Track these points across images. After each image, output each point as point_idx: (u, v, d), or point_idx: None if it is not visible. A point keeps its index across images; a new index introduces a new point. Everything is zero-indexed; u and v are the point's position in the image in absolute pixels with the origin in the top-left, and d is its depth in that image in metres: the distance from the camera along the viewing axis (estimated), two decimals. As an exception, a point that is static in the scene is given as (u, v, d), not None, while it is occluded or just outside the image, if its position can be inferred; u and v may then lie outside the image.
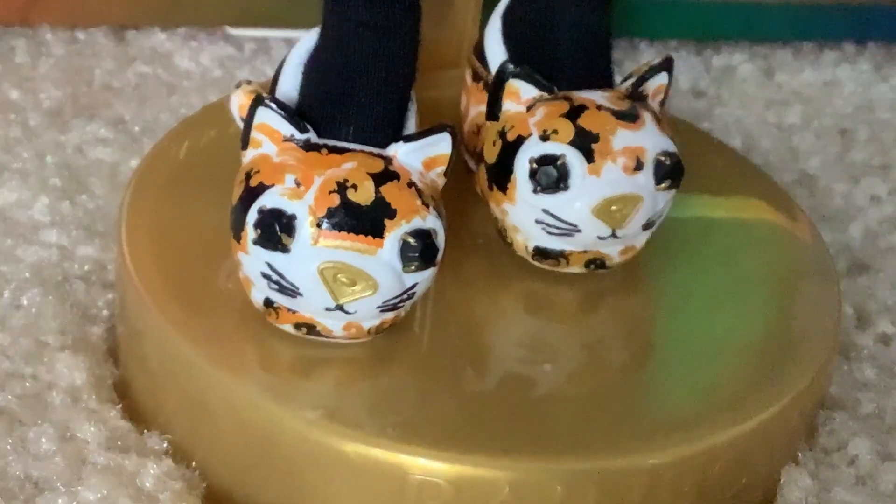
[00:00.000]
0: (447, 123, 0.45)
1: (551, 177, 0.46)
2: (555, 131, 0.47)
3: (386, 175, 0.43)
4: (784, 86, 0.74)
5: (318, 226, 0.42)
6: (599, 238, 0.48)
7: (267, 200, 0.42)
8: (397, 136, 0.45)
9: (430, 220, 0.43)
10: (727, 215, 0.56)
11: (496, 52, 0.52)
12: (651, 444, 0.44)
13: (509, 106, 0.49)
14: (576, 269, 0.49)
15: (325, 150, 0.44)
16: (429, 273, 0.43)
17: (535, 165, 0.47)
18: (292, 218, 0.42)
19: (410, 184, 0.43)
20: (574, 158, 0.46)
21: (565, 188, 0.46)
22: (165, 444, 0.46)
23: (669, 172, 0.47)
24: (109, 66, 0.67)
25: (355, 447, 0.42)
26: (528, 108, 0.48)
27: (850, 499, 0.48)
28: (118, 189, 0.57)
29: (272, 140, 0.44)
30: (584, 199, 0.47)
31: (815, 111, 0.73)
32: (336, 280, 0.42)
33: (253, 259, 0.43)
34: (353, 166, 0.43)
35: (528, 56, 0.50)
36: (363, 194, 0.42)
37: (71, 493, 0.44)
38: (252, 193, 0.43)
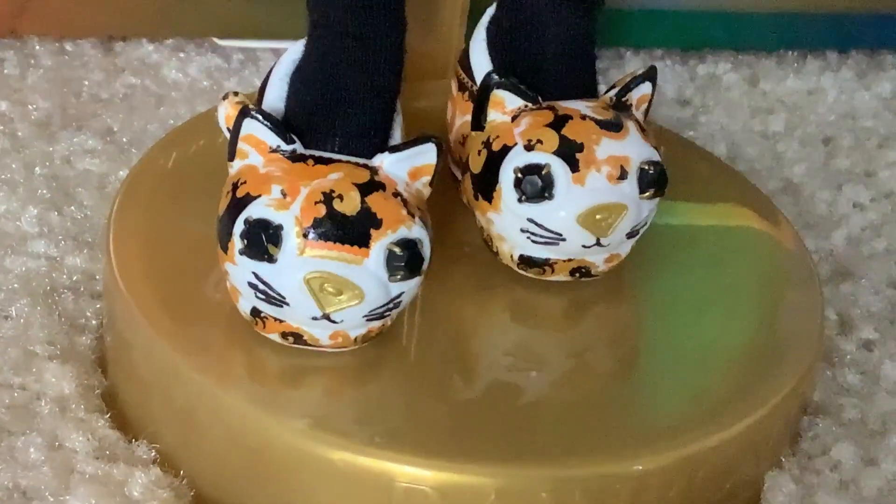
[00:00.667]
0: (433, 134, 0.45)
1: (536, 186, 0.47)
2: (539, 141, 0.47)
3: (372, 185, 0.43)
4: (768, 94, 0.75)
5: (305, 236, 0.42)
6: (584, 246, 0.48)
7: (253, 211, 0.43)
8: (383, 146, 0.45)
9: (416, 230, 0.43)
10: (712, 223, 0.56)
11: (481, 63, 0.52)
12: (637, 451, 0.44)
13: (494, 116, 0.49)
14: (561, 277, 0.49)
15: (311, 161, 0.44)
16: (415, 282, 0.43)
17: (520, 175, 0.47)
18: (279, 228, 0.42)
19: (396, 194, 0.43)
20: (559, 168, 0.47)
21: (550, 197, 0.47)
22: (153, 454, 0.46)
23: (654, 181, 0.47)
24: (98, 77, 0.67)
25: (343, 455, 0.42)
26: (513, 118, 0.48)
27: (833, 504, 0.48)
28: (106, 200, 0.57)
29: (259, 151, 0.44)
30: (568, 208, 0.47)
31: (798, 119, 0.73)
32: (322, 290, 0.42)
33: (240, 269, 0.43)
34: (339, 177, 0.43)
35: (513, 66, 0.50)
36: (349, 204, 0.42)
37: (59, 503, 0.44)
38: (239, 204, 0.43)
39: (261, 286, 0.43)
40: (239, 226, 0.43)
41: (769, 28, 0.75)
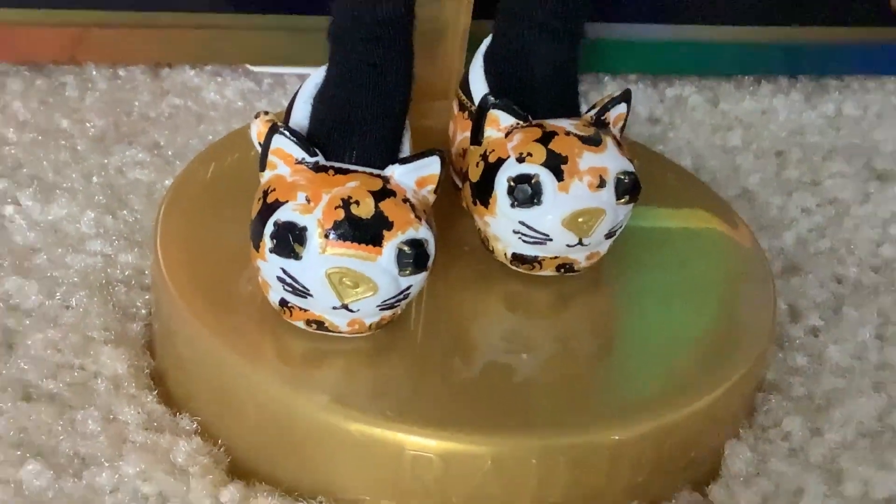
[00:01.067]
0: (437, 148, 0.45)
1: (526, 193, 0.47)
2: (529, 154, 0.47)
3: (384, 192, 0.43)
4: (728, 113, 0.75)
5: (326, 236, 0.42)
6: (568, 245, 0.48)
7: (282, 215, 0.42)
8: (394, 158, 0.45)
9: (423, 231, 0.43)
10: (679, 225, 0.56)
11: (479, 86, 0.52)
12: (614, 423, 0.44)
13: (490, 132, 0.49)
14: (548, 272, 0.49)
15: (331, 171, 0.44)
16: (421, 276, 0.43)
17: (512, 183, 0.47)
18: (303, 230, 0.42)
19: (405, 200, 0.43)
20: (546, 177, 0.46)
21: (539, 203, 0.47)
22: (195, 425, 0.46)
23: (628, 189, 0.47)
24: (146, 98, 0.67)
25: (358, 427, 0.42)
26: (507, 134, 0.48)
27: (784, 469, 0.48)
28: (154, 205, 0.57)
29: (286, 163, 0.44)
30: (555, 213, 0.47)
31: (754, 135, 0.73)
32: (341, 283, 0.42)
33: (270, 265, 0.43)
34: (356, 185, 0.43)
35: (507, 89, 0.50)
36: (364, 209, 0.42)
37: (113, 468, 0.44)
38: (269, 209, 0.43)
39: (288, 280, 0.43)
40: (269, 227, 0.43)
41: (729, 56, 0.75)
